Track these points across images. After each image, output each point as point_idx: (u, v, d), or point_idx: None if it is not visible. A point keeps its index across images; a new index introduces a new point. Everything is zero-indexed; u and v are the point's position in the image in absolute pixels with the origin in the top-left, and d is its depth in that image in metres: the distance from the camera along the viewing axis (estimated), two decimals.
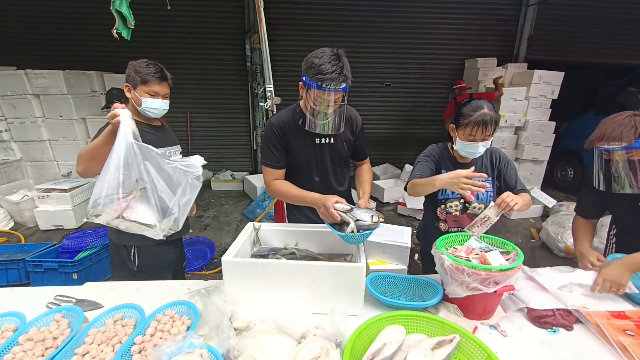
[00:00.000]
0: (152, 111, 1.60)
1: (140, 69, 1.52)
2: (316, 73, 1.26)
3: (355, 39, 5.47)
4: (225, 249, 1.75)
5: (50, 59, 4.99)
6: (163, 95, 1.60)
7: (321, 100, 1.32)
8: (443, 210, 1.63)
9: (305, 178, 1.59)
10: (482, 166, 1.60)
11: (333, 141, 1.56)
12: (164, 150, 1.64)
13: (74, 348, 0.97)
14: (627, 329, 1.08)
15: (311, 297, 1.19)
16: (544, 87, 4.58)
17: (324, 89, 1.27)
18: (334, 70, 1.24)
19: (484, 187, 1.30)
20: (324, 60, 1.25)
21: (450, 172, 1.39)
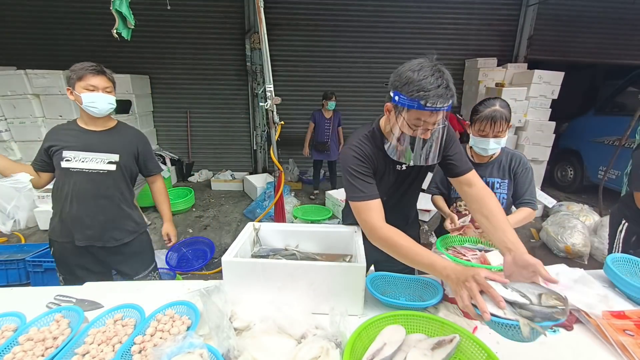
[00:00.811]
0: (94, 107, 1.54)
1: (75, 68, 1.51)
2: (418, 89, 0.99)
3: (355, 39, 5.47)
4: (225, 249, 1.76)
5: (50, 59, 5.00)
6: (103, 89, 1.53)
7: (421, 123, 1.05)
8: (454, 209, 1.66)
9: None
10: (500, 167, 1.60)
11: (414, 165, 1.29)
12: (93, 155, 1.59)
13: (74, 348, 0.97)
14: (627, 329, 1.08)
15: (311, 297, 1.19)
16: (544, 87, 4.58)
17: (428, 108, 1.00)
18: (439, 84, 0.99)
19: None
20: (425, 73, 1.00)
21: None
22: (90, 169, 1.59)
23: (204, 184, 5.60)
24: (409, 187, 1.39)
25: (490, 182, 1.59)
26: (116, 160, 1.63)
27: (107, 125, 1.67)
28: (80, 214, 1.63)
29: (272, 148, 2.92)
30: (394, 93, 1.07)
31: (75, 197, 1.61)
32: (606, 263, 1.41)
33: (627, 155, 3.76)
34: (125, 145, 1.67)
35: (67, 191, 1.61)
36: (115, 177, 1.65)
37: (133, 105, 4.98)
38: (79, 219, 1.64)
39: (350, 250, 1.49)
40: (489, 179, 1.60)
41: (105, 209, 1.66)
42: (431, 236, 3.82)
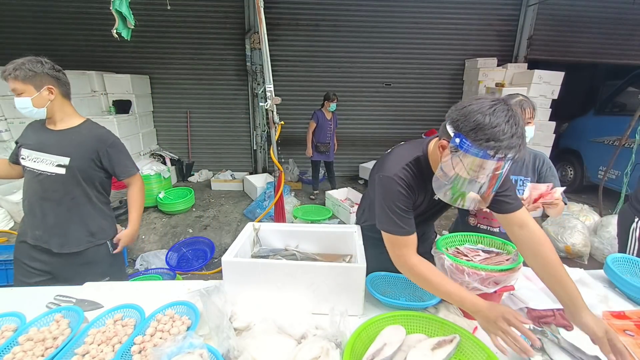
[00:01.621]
0: (22, 111, 1.47)
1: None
2: (488, 138, 0.85)
3: (355, 39, 5.47)
4: (225, 249, 1.77)
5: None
6: (18, 94, 1.44)
7: (482, 171, 0.91)
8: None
9: None
10: (524, 166, 1.58)
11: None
12: (44, 156, 1.50)
13: (74, 348, 0.97)
14: (627, 329, 1.09)
15: (311, 297, 1.19)
16: (544, 87, 4.58)
17: (497, 159, 0.87)
18: (514, 133, 0.85)
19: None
20: (498, 120, 0.85)
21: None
22: (40, 170, 1.50)
23: (204, 184, 5.60)
24: (438, 212, 1.34)
25: (514, 180, 1.57)
26: (65, 164, 1.50)
27: (69, 124, 1.56)
28: (31, 213, 1.57)
29: (272, 148, 2.93)
30: (456, 135, 0.91)
31: (27, 196, 1.57)
32: (606, 263, 1.41)
33: (627, 155, 3.77)
34: (80, 148, 1.53)
35: (24, 188, 1.58)
36: (65, 182, 1.52)
37: (133, 105, 4.98)
38: (30, 217, 1.58)
39: (350, 250, 1.49)
40: (512, 177, 1.58)
41: (52, 213, 1.55)
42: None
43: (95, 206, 1.65)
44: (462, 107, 0.93)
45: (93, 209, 1.64)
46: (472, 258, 1.20)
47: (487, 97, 0.92)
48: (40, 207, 1.55)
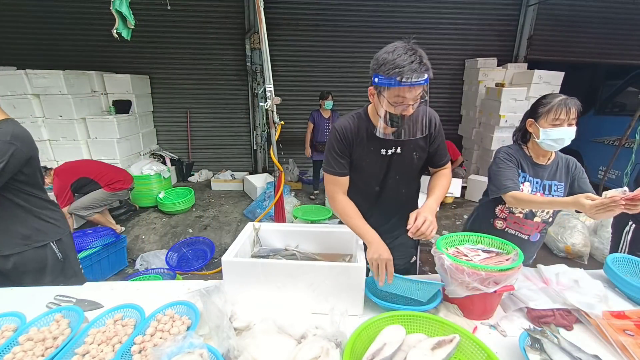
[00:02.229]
0: None
1: None
2: (393, 67, 1.09)
3: (355, 39, 5.47)
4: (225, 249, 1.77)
5: (50, 59, 5.00)
6: None
7: (400, 99, 1.14)
8: (505, 209, 1.57)
9: (365, 187, 1.45)
10: (557, 170, 1.54)
11: (401, 151, 1.38)
12: None
13: (74, 348, 0.98)
14: (627, 329, 1.08)
15: (311, 297, 1.19)
16: (544, 87, 4.59)
17: (404, 83, 1.08)
18: (413, 60, 1.08)
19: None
20: (398, 52, 1.10)
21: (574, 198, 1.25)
22: None
23: (204, 184, 5.60)
24: (399, 174, 1.43)
25: (548, 185, 1.52)
26: None
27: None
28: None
29: (272, 148, 2.93)
30: (374, 75, 1.17)
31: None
32: (606, 263, 1.41)
33: (627, 155, 3.77)
34: None
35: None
36: None
37: (133, 105, 4.98)
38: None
39: (350, 250, 1.49)
40: (546, 182, 1.52)
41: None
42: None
43: (25, 208, 1.52)
44: (375, 55, 1.18)
45: (23, 211, 1.52)
46: (472, 258, 1.20)
47: (393, 43, 1.16)
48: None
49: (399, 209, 1.49)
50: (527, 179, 1.52)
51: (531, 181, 1.52)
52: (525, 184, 1.52)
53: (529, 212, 1.54)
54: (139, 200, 4.45)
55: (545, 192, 1.51)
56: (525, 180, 1.52)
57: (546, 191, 1.52)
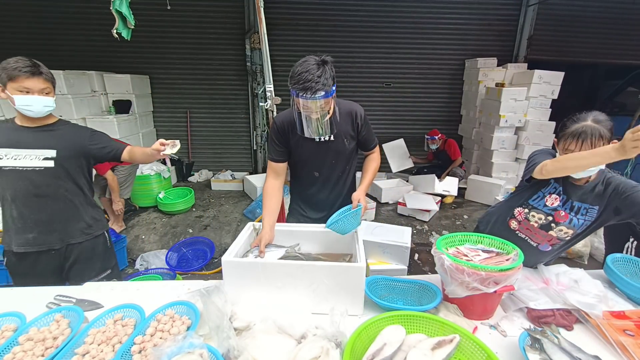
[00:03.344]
0: (29, 109, 1.44)
1: (7, 65, 1.38)
2: (294, 82, 1.30)
3: (355, 39, 5.47)
4: (225, 249, 1.77)
5: (50, 59, 4.97)
6: (39, 91, 1.43)
7: (304, 107, 1.37)
8: (522, 213, 1.49)
9: (305, 172, 1.67)
10: (594, 192, 1.34)
11: (333, 138, 1.57)
12: (25, 152, 1.48)
13: (74, 348, 0.98)
14: (627, 329, 1.09)
15: (311, 297, 1.19)
16: (544, 87, 4.58)
17: (301, 97, 1.31)
18: (310, 79, 1.26)
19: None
20: (303, 68, 1.28)
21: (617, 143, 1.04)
22: (24, 166, 1.47)
23: (204, 184, 5.60)
24: (334, 159, 1.63)
25: (577, 207, 1.36)
26: (53, 156, 1.51)
27: (44, 122, 1.54)
28: (20, 216, 1.53)
29: None
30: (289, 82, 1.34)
31: (14, 199, 1.51)
32: (606, 263, 1.41)
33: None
34: (64, 140, 1.55)
35: (5, 194, 1.51)
36: (55, 174, 1.53)
37: (133, 105, 4.97)
38: (19, 221, 1.54)
39: (350, 250, 1.49)
40: (575, 203, 1.36)
41: (47, 208, 1.55)
42: (431, 236, 3.82)
43: (87, 197, 1.68)
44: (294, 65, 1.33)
45: (85, 200, 1.66)
46: (472, 258, 1.20)
47: (310, 56, 1.32)
48: (31, 207, 1.53)
49: (336, 188, 1.71)
50: (557, 191, 1.39)
51: (561, 195, 1.38)
52: (553, 195, 1.39)
53: (546, 224, 1.42)
54: (139, 200, 4.45)
55: (572, 213, 1.36)
56: (556, 192, 1.39)
57: (572, 212, 1.36)
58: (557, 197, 1.39)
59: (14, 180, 1.49)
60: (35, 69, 1.42)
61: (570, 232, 1.39)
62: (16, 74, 1.38)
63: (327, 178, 1.67)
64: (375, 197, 4.81)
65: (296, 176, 1.74)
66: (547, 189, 1.42)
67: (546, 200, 1.41)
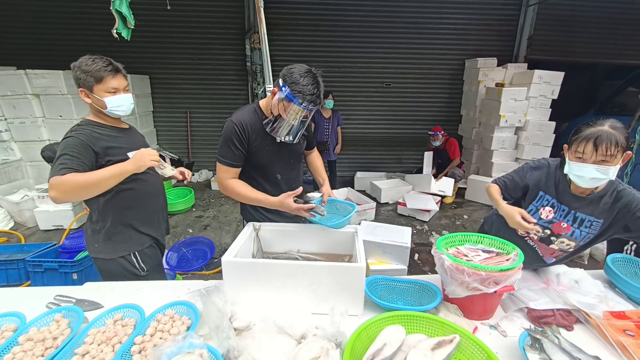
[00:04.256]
0: (120, 109, 1.44)
1: (88, 68, 1.34)
2: (299, 91, 1.33)
3: (355, 39, 5.47)
4: (225, 249, 1.77)
5: (50, 59, 4.98)
6: (123, 89, 1.43)
7: (294, 114, 1.39)
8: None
9: (268, 176, 1.62)
10: (600, 204, 1.30)
11: (292, 138, 1.57)
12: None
13: (74, 348, 0.97)
14: (627, 329, 1.09)
15: (311, 297, 1.19)
16: (544, 87, 4.58)
17: (303, 107, 1.36)
18: (314, 92, 1.34)
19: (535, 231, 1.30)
20: (308, 81, 1.33)
21: (512, 208, 1.35)
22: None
23: (204, 184, 5.60)
24: (292, 158, 1.66)
25: (580, 218, 1.33)
26: None
27: (122, 123, 1.58)
28: (156, 213, 1.64)
29: None
30: (283, 84, 1.35)
31: (150, 195, 1.60)
32: (606, 263, 1.41)
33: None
34: (139, 140, 1.63)
35: (140, 192, 1.54)
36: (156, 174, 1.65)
37: (133, 105, 4.98)
38: (151, 216, 1.63)
39: (350, 250, 1.49)
40: (579, 214, 1.33)
41: (162, 206, 1.70)
42: (431, 236, 3.82)
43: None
44: (291, 68, 1.36)
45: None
46: (472, 258, 1.20)
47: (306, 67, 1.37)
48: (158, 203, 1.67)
49: (293, 186, 1.65)
50: (551, 204, 1.37)
51: (556, 207, 1.37)
52: (546, 208, 1.38)
53: (546, 238, 1.42)
54: None
55: (574, 225, 1.34)
56: (549, 204, 1.37)
57: (575, 224, 1.34)
58: (550, 210, 1.38)
59: (152, 177, 1.60)
60: (115, 66, 1.40)
61: (572, 244, 1.37)
62: (103, 74, 1.35)
63: (288, 179, 1.67)
64: (375, 197, 4.81)
65: (254, 181, 1.59)
66: (539, 202, 1.41)
67: (540, 213, 1.40)
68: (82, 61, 1.35)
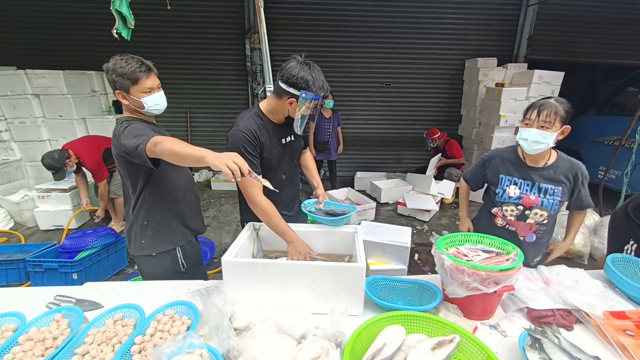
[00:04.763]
0: (156, 108, 1.48)
1: (122, 70, 1.35)
2: (319, 87, 1.37)
3: (355, 39, 5.47)
4: (225, 249, 1.76)
5: (50, 59, 4.99)
6: (157, 87, 1.46)
7: (313, 107, 1.44)
8: (499, 211, 1.62)
9: (274, 178, 1.55)
10: (556, 174, 1.50)
11: (294, 138, 1.63)
12: None
13: (74, 348, 0.98)
14: (627, 329, 1.08)
15: (311, 297, 1.19)
16: (544, 87, 4.58)
17: (324, 97, 1.47)
18: (323, 79, 1.39)
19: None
20: (315, 73, 1.36)
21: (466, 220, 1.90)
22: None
23: (204, 184, 5.60)
24: (295, 158, 1.69)
25: (543, 188, 1.51)
26: None
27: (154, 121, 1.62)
28: (193, 202, 1.67)
29: None
30: (302, 91, 1.36)
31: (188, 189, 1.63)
32: (606, 263, 1.41)
33: (627, 155, 3.76)
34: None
35: (182, 184, 1.59)
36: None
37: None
38: (192, 209, 1.65)
39: (350, 250, 1.49)
40: (542, 184, 1.51)
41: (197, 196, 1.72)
42: (431, 236, 3.82)
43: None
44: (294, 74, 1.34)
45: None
46: (472, 258, 1.20)
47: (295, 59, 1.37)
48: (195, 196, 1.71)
49: (294, 185, 1.77)
50: (514, 182, 1.56)
51: (520, 183, 1.55)
52: (511, 187, 1.56)
53: (521, 215, 1.55)
54: None
55: (541, 195, 1.51)
56: (512, 183, 1.56)
57: (541, 194, 1.51)
58: (515, 187, 1.55)
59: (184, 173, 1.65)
60: (147, 65, 1.41)
61: (545, 214, 1.52)
62: (139, 75, 1.36)
63: (291, 178, 1.69)
64: (375, 197, 4.81)
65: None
66: (502, 184, 1.59)
67: (507, 192, 1.56)
68: (116, 63, 1.35)
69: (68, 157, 3.16)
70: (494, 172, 1.62)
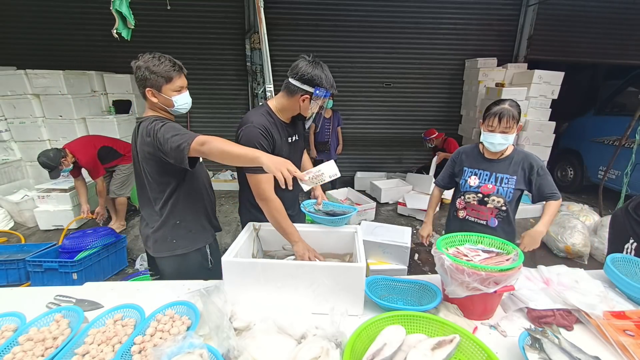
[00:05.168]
0: (184, 107, 1.49)
1: (156, 68, 1.35)
2: (331, 84, 1.43)
3: (355, 39, 5.47)
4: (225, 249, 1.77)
5: (50, 59, 4.99)
6: (185, 87, 1.48)
7: (323, 103, 1.49)
8: (462, 200, 1.81)
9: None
10: (511, 164, 1.70)
11: (298, 137, 1.66)
12: None
13: (74, 348, 0.97)
14: (627, 329, 1.08)
15: (311, 297, 1.19)
16: (544, 87, 4.58)
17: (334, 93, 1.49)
18: (331, 78, 1.45)
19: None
20: (326, 71, 1.42)
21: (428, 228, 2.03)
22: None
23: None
24: (299, 158, 1.72)
25: (500, 177, 1.70)
26: None
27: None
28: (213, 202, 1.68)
29: None
30: (316, 87, 1.41)
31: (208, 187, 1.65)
32: (606, 263, 1.41)
33: (627, 155, 3.76)
34: None
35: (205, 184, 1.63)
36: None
37: (133, 105, 4.98)
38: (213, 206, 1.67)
39: (350, 250, 1.49)
40: (498, 175, 1.71)
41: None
42: (431, 236, 3.81)
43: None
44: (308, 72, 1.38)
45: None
46: (472, 258, 1.20)
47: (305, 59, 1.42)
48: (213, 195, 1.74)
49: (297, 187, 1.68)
50: (474, 173, 1.76)
51: (479, 174, 1.75)
52: (472, 177, 1.76)
53: (482, 199, 1.74)
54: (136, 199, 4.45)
55: (497, 184, 1.70)
56: (473, 174, 1.77)
57: (498, 183, 1.71)
58: (475, 177, 1.75)
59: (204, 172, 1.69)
60: (179, 65, 1.43)
61: (501, 200, 1.69)
62: (172, 74, 1.38)
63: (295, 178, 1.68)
64: (375, 197, 4.81)
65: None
66: (465, 175, 1.79)
67: (469, 182, 1.76)
68: (148, 61, 1.36)
69: (64, 156, 3.16)
70: (460, 165, 1.83)
